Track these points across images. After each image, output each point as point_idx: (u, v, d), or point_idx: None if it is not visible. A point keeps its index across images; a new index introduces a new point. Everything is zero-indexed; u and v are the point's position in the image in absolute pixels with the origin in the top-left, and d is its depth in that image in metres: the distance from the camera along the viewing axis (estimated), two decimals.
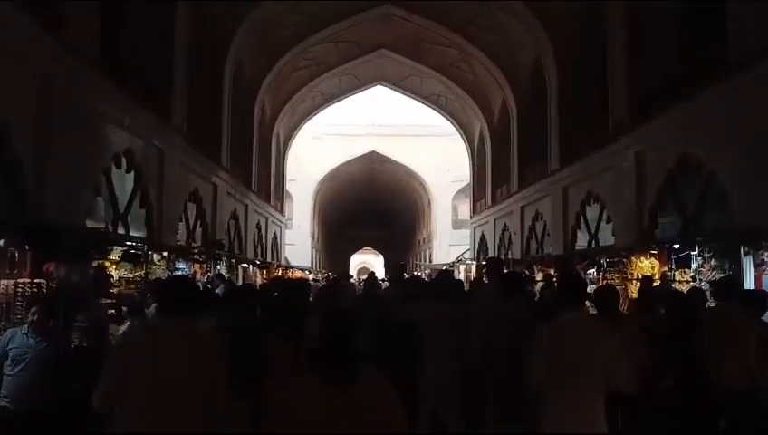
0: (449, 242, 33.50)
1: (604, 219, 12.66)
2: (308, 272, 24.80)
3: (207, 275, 11.82)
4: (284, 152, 25.53)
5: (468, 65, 19.88)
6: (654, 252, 9.12)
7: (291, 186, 29.28)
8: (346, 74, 21.90)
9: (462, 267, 21.61)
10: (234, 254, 15.93)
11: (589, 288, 6.93)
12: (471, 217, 25.82)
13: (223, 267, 13.58)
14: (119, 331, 6.20)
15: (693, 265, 7.93)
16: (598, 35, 12.50)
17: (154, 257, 9.29)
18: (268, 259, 21.20)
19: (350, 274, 15.47)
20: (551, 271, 12.81)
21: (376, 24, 18.56)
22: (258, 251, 20.35)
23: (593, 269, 11.09)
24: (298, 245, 31.61)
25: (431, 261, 33.17)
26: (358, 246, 51.28)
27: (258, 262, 18.38)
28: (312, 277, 22.83)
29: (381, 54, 20.50)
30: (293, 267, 23.06)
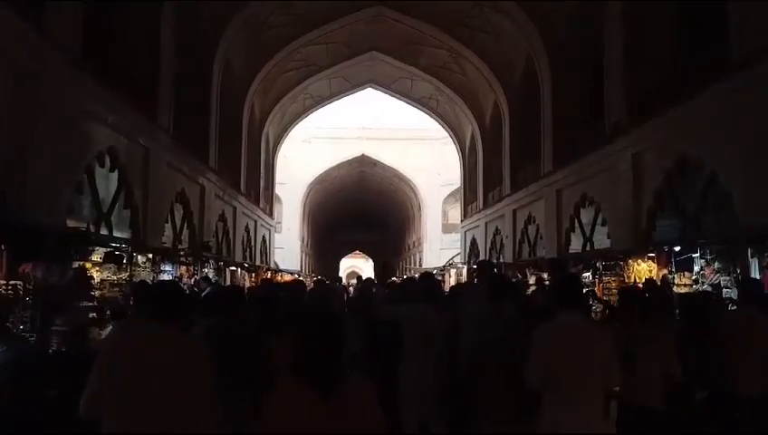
0: (440, 246, 33.51)
1: (599, 222, 12.51)
2: (297, 275, 24.49)
3: (194, 278, 11.56)
4: (274, 155, 25.22)
5: (460, 67, 19.75)
6: (652, 255, 8.96)
7: (280, 189, 29.05)
8: (336, 76, 21.71)
9: (453, 271, 21.45)
10: (222, 256, 15.64)
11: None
12: (462, 221, 25.63)
13: (210, 270, 13.33)
14: (101, 335, 6.03)
15: (695, 267, 7.75)
16: (592, 36, 12.38)
17: (138, 259, 9.01)
18: (257, 263, 20.92)
19: (340, 277, 15.32)
20: (543, 275, 12.62)
21: (367, 26, 18.38)
22: (247, 254, 20.01)
23: (588, 273, 10.92)
24: (287, 248, 31.41)
25: (421, 265, 33.07)
26: (347, 250, 51.17)
27: (247, 265, 18.07)
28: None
29: (372, 56, 20.34)
30: (282, 271, 22.77)
